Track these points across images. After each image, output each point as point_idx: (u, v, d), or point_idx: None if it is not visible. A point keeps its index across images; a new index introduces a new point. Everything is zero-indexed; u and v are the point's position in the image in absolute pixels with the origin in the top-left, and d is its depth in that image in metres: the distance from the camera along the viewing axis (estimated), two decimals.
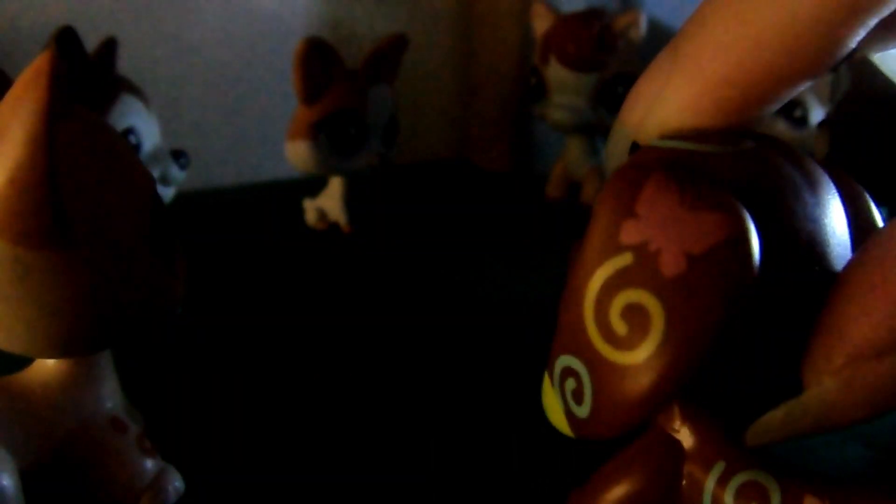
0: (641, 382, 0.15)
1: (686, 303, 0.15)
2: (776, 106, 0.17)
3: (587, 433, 0.17)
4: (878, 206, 0.19)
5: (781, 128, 0.52)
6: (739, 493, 0.17)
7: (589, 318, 0.16)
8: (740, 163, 0.16)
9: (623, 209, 0.15)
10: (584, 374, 0.16)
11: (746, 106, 0.17)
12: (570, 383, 0.16)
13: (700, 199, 0.15)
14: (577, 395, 0.16)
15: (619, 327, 0.15)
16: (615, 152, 0.20)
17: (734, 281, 0.15)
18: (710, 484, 0.18)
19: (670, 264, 0.15)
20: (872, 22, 0.15)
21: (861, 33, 0.15)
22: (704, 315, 0.15)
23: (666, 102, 0.17)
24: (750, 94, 0.16)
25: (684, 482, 0.18)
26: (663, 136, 0.18)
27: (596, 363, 0.16)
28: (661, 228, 0.15)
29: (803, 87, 0.16)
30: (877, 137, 0.53)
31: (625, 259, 0.15)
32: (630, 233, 0.15)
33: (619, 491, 0.19)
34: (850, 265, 0.16)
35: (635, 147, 0.19)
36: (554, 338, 0.17)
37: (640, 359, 0.15)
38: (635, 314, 0.15)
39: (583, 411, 0.16)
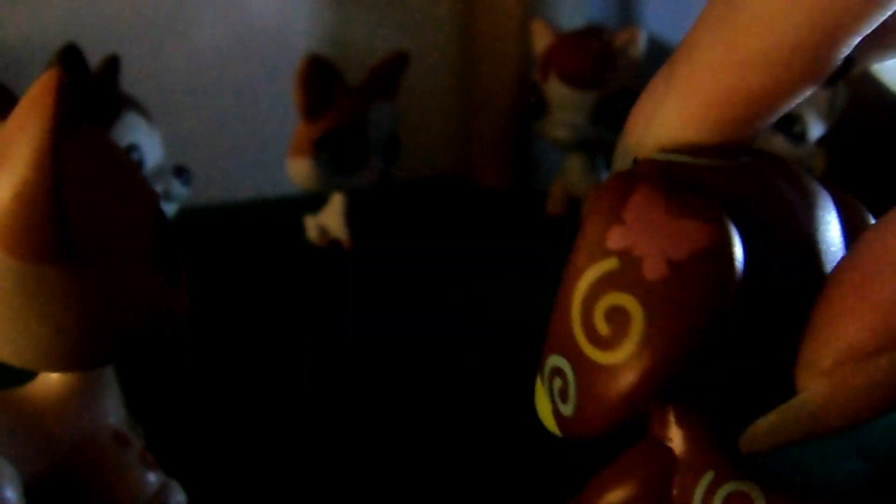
0: (622, 382, 0.16)
1: (665, 306, 0.15)
2: (771, 120, 0.18)
3: (572, 431, 0.17)
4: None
5: (780, 143, 0.53)
6: (727, 502, 0.18)
7: (575, 320, 0.16)
8: (733, 176, 0.17)
9: (611, 215, 0.16)
10: (569, 373, 0.16)
11: (740, 122, 0.17)
12: (557, 382, 0.17)
13: (684, 208, 0.16)
14: (563, 394, 0.17)
15: (603, 328, 0.16)
16: (620, 168, 0.20)
17: (713, 287, 0.15)
18: (698, 493, 0.18)
19: (652, 269, 0.15)
20: (857, 38, 0.16)
21: (847, 49, 0.16)
22: (683, 318, 0.15)
23: (662, 119, 0.18)
24: (742, 112, 0.17)
25: (675, 491, 0.19)
26: (661, 150, 0.18)
27: (580, 362, 0.16)
28: (645, 235, 0.16)
29: (795, 102, 0.17)
30: (875, 153, 0.53)
31: (610, 263, 0.16)
32: (616, 238, 0.16)
33: (613, 497, 0.19)
34: (838, 268, 0.16)
35: (636, 163, 0.19)
36: (546, 339, 0.18)
37: (620, 358, 0.16)
38: (618, 316, 0.16)
39: (568, 410, 0.17)
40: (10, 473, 0.22)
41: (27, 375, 0.24)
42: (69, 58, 0.40)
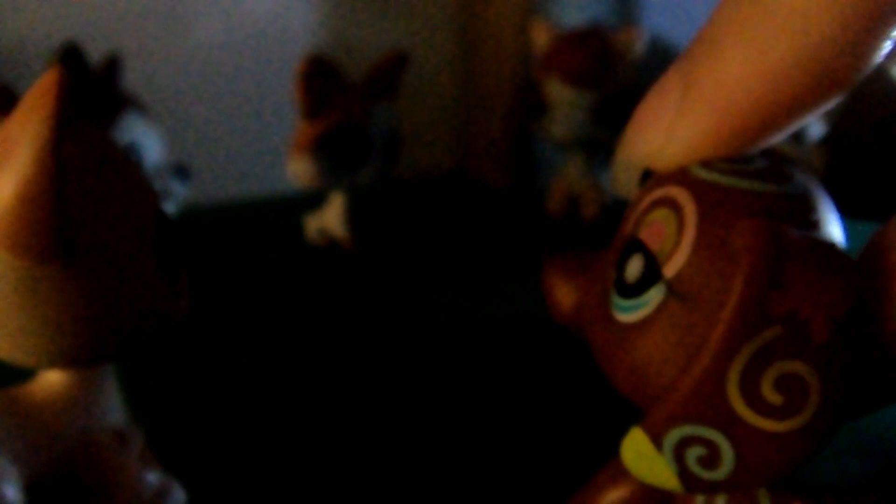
0: (797, 447, 0.16)
1: (837, 368, 0.15)
2: (798, 127, 0.17)
3: (723, 491, 0.17)
4: (876, 221, 0.19)
5: (780, 142, 0.53)
6: (730, 500, 0.17)
7: (733, 390, 0.16)
8: (793, 204, 0.17)
9: (769, 281, 0.15)
10: (721, 442, 0.16)
11: (770, 132, 0.17)
12: (697, 451, 0.16)
13: (831, 262, 0.16)
14: (709, 462, 0.16)
15: (774, 398, 0.15)
16: (625, 179, 0.19)
17: (866, 338, 0.16)
18: None
19: (820, 332, 0.15)
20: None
21: (887, 47, 0.15)
22: (851, 379, 0.15)
23: (684, 132, 0.17)
24: (773, 122, 0.16)
25: None
26: (702, 166, 0.17)
27: (741, 431, 0.16)
28: (806, 297, 0.15)
29: (828, 107, 0.16)
30: (875, 153, 0.53)
31: (775, 331, 0.15)
32: (778, 304, 0.15)
33: (613, 497, 0.19)
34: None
35: (647, 174, 0.19)
36: (656, 407, 0.17)
37: (796, 425, 0.15)
38: (792, 384, 0.15)
39: (717, 475, 0.16)
40: (11, 471, 0.22)
41: (27, 374, 0.24)
42: (70, 56, 0.40)
